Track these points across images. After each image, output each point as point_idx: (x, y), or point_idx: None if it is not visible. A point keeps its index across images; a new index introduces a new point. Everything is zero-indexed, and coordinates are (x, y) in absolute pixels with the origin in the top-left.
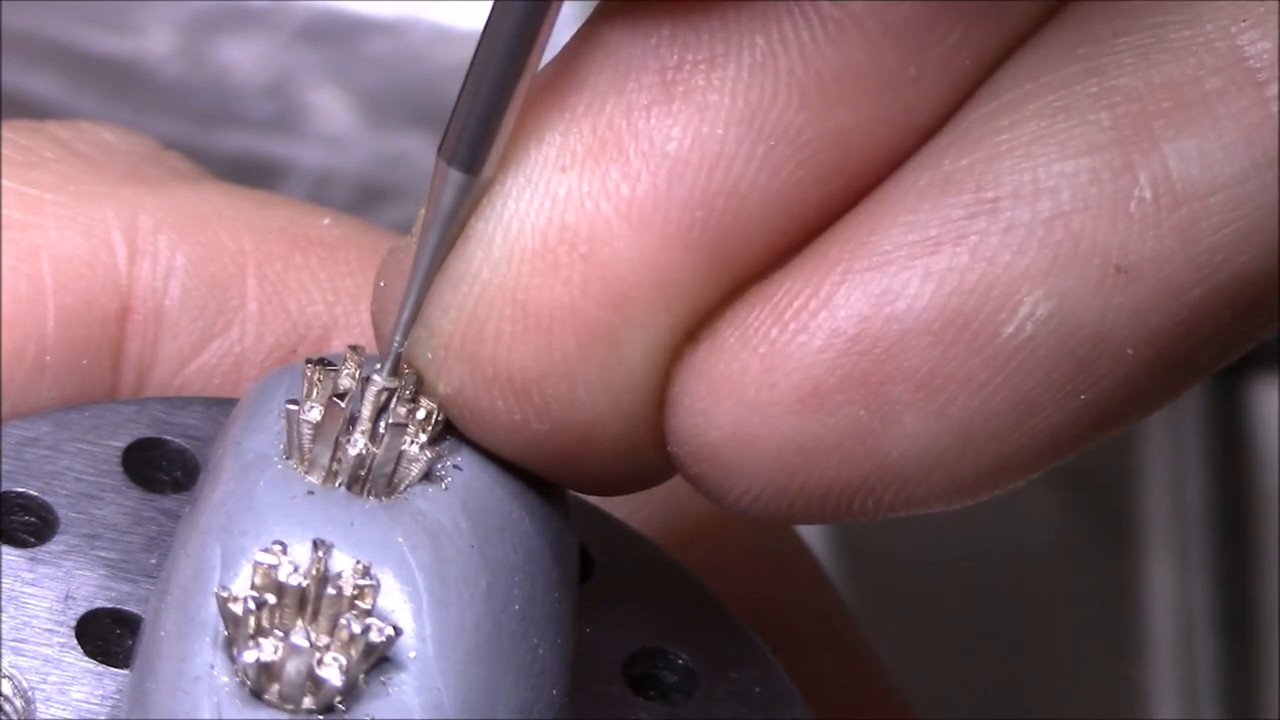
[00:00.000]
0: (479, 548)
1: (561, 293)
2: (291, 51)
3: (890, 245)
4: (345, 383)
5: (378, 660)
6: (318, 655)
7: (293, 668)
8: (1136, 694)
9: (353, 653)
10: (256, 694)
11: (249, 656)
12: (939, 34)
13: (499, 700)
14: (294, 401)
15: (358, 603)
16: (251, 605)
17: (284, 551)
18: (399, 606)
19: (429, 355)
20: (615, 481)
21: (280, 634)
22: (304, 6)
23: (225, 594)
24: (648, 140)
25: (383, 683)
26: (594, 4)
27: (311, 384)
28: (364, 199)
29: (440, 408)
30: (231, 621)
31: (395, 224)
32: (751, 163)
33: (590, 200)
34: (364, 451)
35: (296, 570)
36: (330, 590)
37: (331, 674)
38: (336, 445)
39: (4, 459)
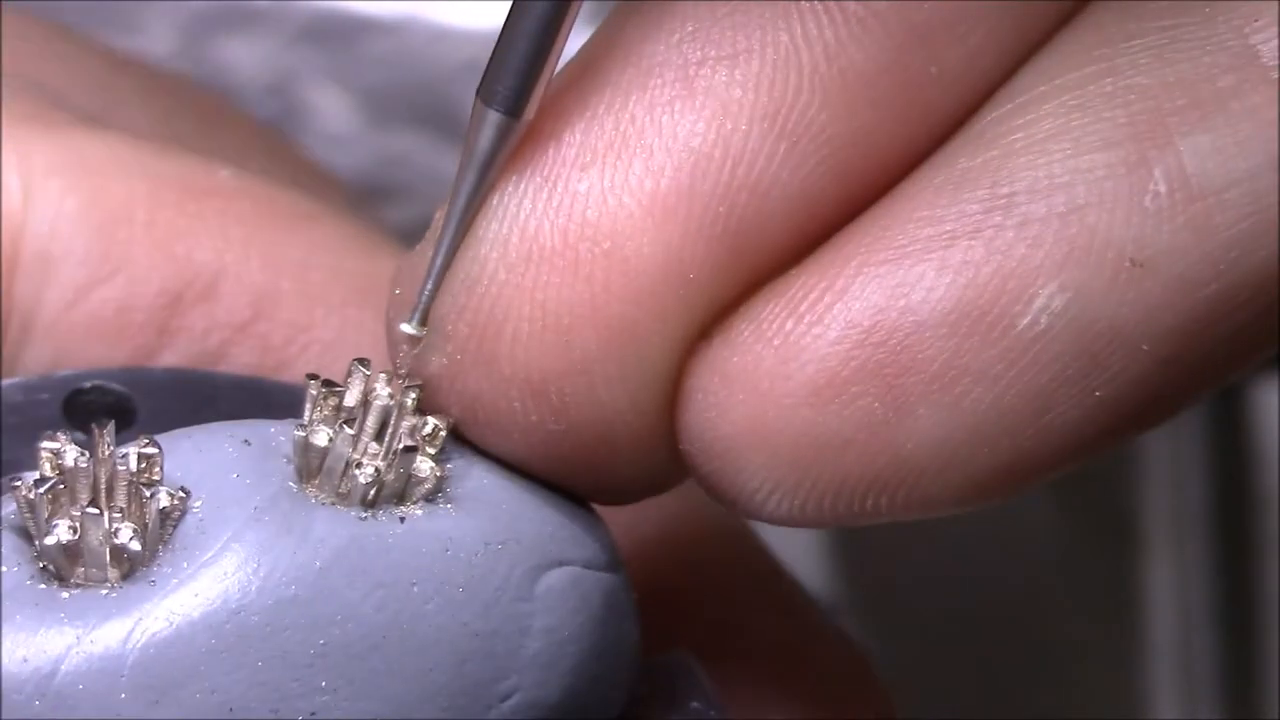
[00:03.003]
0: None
1: (583, 290)
2: (292, 51)
3: (906, 239)
4: (352, 399)
5: (174, 526)
6: (114, 526)
7: (93, 537)
8: (1136, 694)
9: (147, 520)
10: (62, 579)
11: (49, 540)
12: (961, 34)
13: None
14: (301, 425)
15: (145, 476)
16: (43, 489)
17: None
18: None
19: (444, 360)
20: (628, 485)
21: (75, 513)
22: (305, 6)
23: (17, 484)
24: (672, 135)
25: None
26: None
27: (315, 404)
28: (364, 199)
29: (452, 415)
30: (27, 508)
31: (396, 224)
32: (774, 159)
33: (613, 195)
34: (373, 474)
35: (82, 454)
36: (119, 467)
37: (127, 537)
38: (346, 467)
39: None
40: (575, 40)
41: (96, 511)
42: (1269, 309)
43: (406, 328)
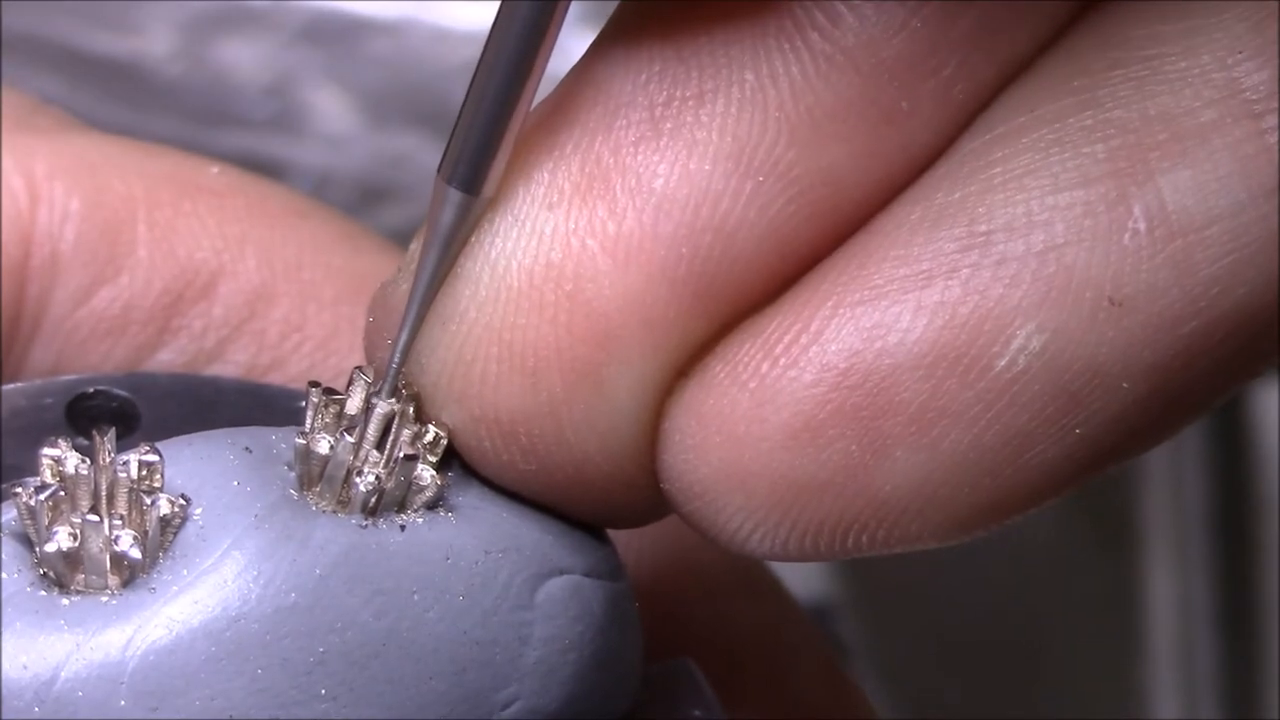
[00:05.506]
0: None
1: (547, 332)
2: (292, 52)
3: (882, 279)
4: (353, 407)
5: (174, 534)
6: (115, 533)
7: (94, 544)
8: (1136, 694)
9: (148, 528)
10: (62, 586)
11: (50, 547)
12: (932, 67)
13: None
14: (302, 433)
15: (146, 483)
16: (44, 496)
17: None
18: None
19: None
20: (608, 518)
21: (76, 520)
22: (304, 7)
23: (19, 491)
24: (635, 177)
25: None
26: (603, 3)
27: (317, 411)
28: (364, 199)
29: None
30: (28, 514)
31: (395, 225)
32: (740, 199)
33: (576, 238)
34: (374, 482)
35: (83, 461)
36: (120, 474)
37: (127, 545)
38: (347, 474)
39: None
40: (579, 44)
41: (97, 519)
42: (1250, 343)
43: (377, 401)
